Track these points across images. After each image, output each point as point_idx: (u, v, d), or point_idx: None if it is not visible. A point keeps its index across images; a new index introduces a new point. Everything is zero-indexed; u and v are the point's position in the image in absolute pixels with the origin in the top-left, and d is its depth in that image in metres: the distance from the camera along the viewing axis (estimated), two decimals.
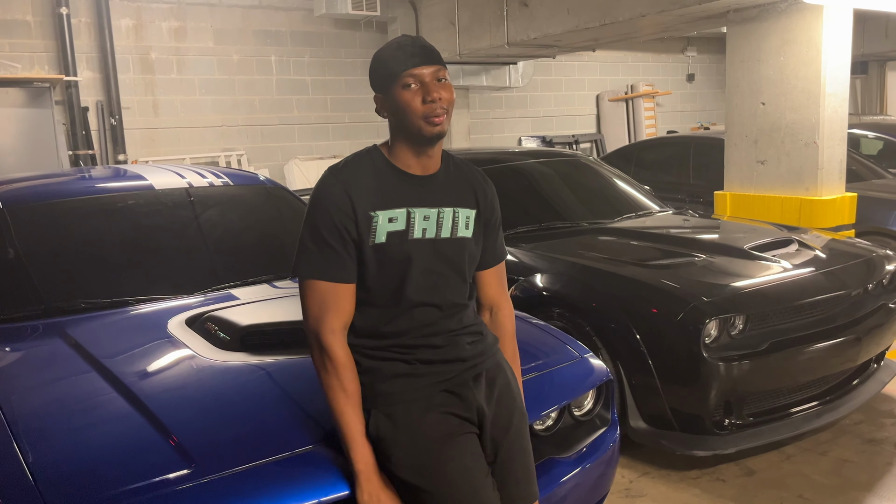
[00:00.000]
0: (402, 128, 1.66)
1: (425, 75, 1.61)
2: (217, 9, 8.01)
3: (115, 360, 2.07)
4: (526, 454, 1.73)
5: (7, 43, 6.99)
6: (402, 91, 1.61)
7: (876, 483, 3.15)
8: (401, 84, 1.61)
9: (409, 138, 1.66)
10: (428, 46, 1.66)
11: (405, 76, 1.60)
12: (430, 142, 1.66)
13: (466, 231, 1.73)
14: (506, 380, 1.75)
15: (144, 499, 1.51)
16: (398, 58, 1.62)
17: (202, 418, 1.79)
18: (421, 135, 1.63)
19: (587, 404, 2.35)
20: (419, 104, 1.60)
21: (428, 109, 1.60)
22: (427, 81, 1.61)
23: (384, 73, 1.64)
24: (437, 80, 1.63)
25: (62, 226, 2.89)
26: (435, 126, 1.62)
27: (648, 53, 11.46)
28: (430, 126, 1.61)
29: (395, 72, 1.61)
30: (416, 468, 1.57)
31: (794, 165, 5.01)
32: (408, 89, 1.61)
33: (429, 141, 1.65)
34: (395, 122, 1.67)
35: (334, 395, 1.59)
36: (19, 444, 1.67)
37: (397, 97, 1.62)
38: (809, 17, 4.78)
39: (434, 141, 1.66)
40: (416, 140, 1.65)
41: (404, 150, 1.68)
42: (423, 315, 1.65)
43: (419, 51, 1.63)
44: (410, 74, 1.60)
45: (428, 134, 1.62)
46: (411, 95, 1.61)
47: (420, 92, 1.61)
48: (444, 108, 1.62)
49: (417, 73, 1.60)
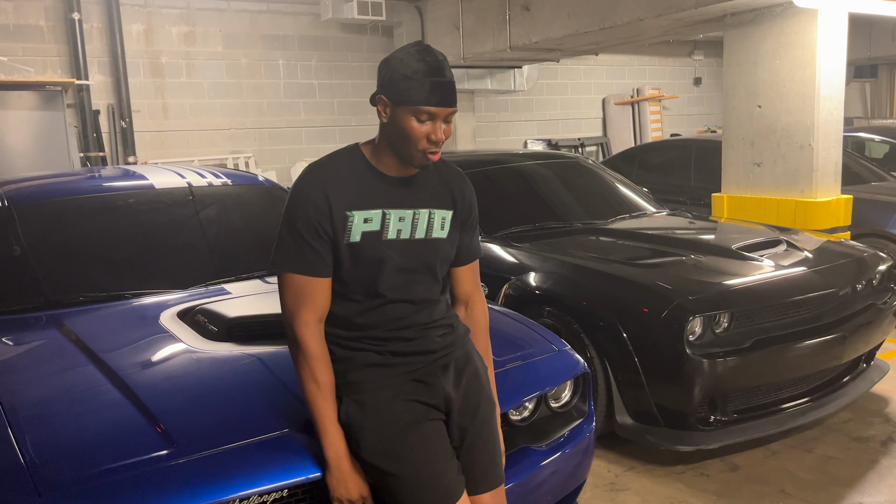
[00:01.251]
0: (395, 145, 1.69)
1: (439, 115, 1.63)
2: (226, 14, 8.15)
3: (107, 349, 2.17)
4: (492, 440, 1.80)
5: (21, 47, 7.16)
6: (413, 120, 1.62)
7: (858, 479, 3.19)
8: (414, 113, 1.62)
9: (400, 157, 1.70)
10: (452, 83, 1.65)
11: (423, 111, 1.62)
12: (415, 168, 1.72)
13: (441, 232, 1.78)
14: (474, 369, 1.82)
15: (124, 477, 1.60)
16: (424, 87, 1.60)
17: (185, 404, 1.88)
18: (412, 162, 1.69)
19: (564, 396, 2.42)
20: (423, 139, 1.64)
21: (428, 147, 1.65)
22: (438, 122, 1.64)
23: (402, 89, 1.62)
24: (446, 121, 1.66)
25: (64, 223, 3.00)
26: (428, 161, 1.68)
27: (655, 57, 11.50)
28: (425, 160, 1.67)
29: (413, 100, 1.61)
30: (383, 452, 1.65)
31: (790, 168, 5.06)
32: (420, 122, 1.63)
33: (416, 168, 1.72)
34: (390, 134, 1.69)
35: (306, 384, 1.67)
36: (12, 426, 1.77)
37: (405, 122, 1.63)
38: (804, 20, 4.83)
39: (421, 168, 1.72)
40: (405, 161, 1.70)
41: (389, 158, 1.72)
42: (395, 310, 1.73)
43: (444, 88, 1.63)
44: (427, 111, 1.62)
45: (418, 164, 1.69)
46: (419, 128, 1.63)
47: (428, 128, 1.64)
48: (440, 147, 1.68)
49: (434, 112, 1.62)
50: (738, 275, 3.45)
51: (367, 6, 7.74)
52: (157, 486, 1.60)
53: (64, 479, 1.58)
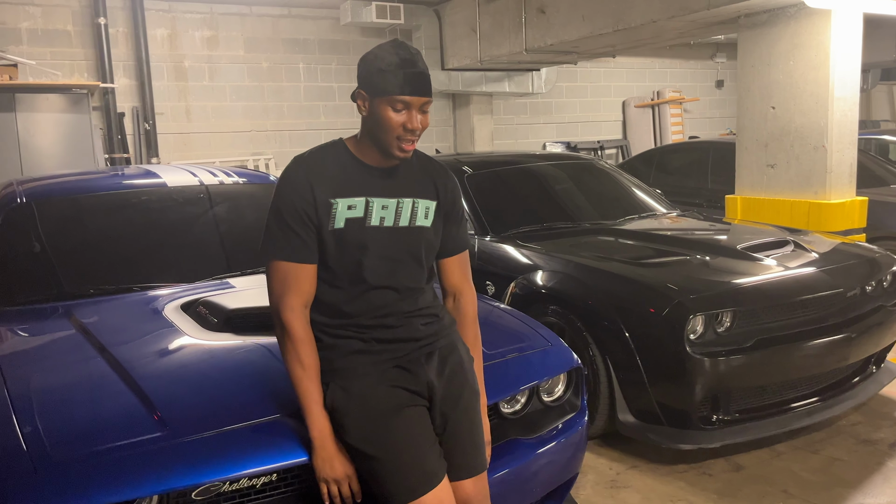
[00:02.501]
0: (373, 136, 1.76)
1: (414, 104, 1.70)
2: (248, 18, 8.29)
3: (111, 338, 2.26)
4: (475, 427, 1.84)
5: (49, 51, 7.36)
6: (389, 110, 1.70)
7: (863, 481, 3.17)
8: (389, 103, 1.69)
9: (379, 148, 1.77)
10: (425, 74, 1.73)
11: (397, 100, 1.69)
12: (396, 160, 1.78)
13: (425, 221, 1.84)
14: (459, 359, 1.87)
15: (116, 457, 1.67)
16: (397, 77, 1.68)
17: (180, 389, 1.95)
18: (389, 152, 1.75)
19: (557, 391, 2.45)
20: (399, 128, 1.71)
21: (404, 135, 1.72)
22: (413, 111, 1.71)
23: (378, 82, 1.69)
24: (423, 110, 1.73)
25: (79, 218, 3.11)
26: (404, 152, 1.74)
27: (676, 60, 11.45)
28: (400, 151, 1.74)
29: (388, 90, 1.69)
30: (365, 436, 1.70)
31: (804, 169, 5.02)
32: (395, 111, 1.70)
33: (394, 159, 1.77)
34: (370, 126, 1.76)
35: (292, 368, 1.73)
36: (16, 409, 1.85)
37: (381, 111, 1.71)
38: (818, 21, 4.80)
39: (399, 160, 1.78)
40: (385, 153, 1.77)
41: (370, 149, 1.79)
42: (379, 297, 1.78)
43: (417, 78, 1.70)
44: (402, 100, 1.69)
45: (396, 155, 1.75)
46: (396, 117, 1.70)
47: (403, 117, 1.70)
48: (416, 137, 1.74)
49: (408, 101, 1.69)
50: (741, 274, 3.44)
51: (386, 10, 7.84)
52: (148, 466, 1.67)
53: (59, 458, 1.66)
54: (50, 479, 1.61)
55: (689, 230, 4.37)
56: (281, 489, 1.85)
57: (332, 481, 1.72)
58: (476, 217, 4.41)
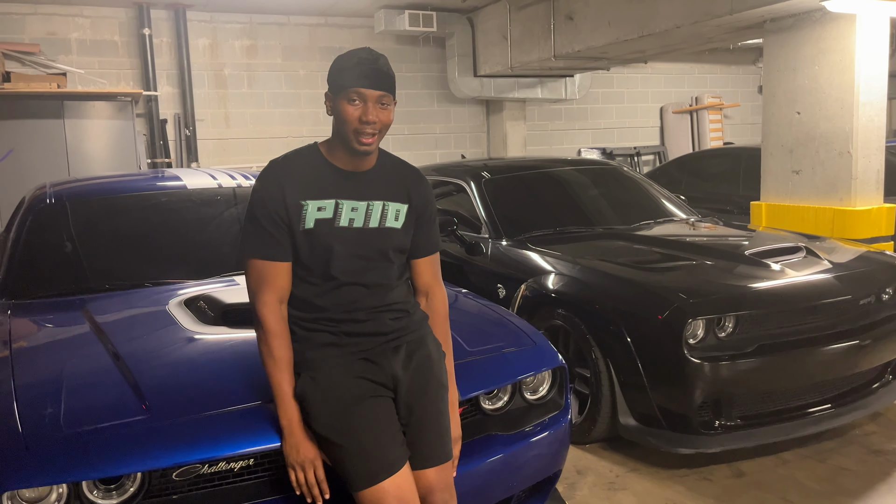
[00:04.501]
0: (337, 132, 1.88)
1: (369, 97, 1.81)
2: (286, 27, 8.52)
3: (116, 329, 2.41)
4: (440, 420, 1.92)
5: (97, 61, 7.70)
6: (346, 103, 1.82)
7: (868, 491, 3.12)
8: (346, 97, 1.81)
9: (343, 143, 1.87)
10: (383, 70, 1.83)
11: (352, 92, 1.80)
12: (359, 155, 1.87)
13: (395, 223, 1.93)
14: (426, 353, 1.94)
15: (102, 437, 1.80)
16: (353, 73, 1.80)
17: (168, 376, 2.08)
18: (350, 147, 1.85)
19: (542, 390, 2.50)
20: (356, 120, 1.81)
21: (360, 128, 1.81)
22: (369, 103, 1.81)
23: (338, 80, 1.84)
24: (381, 104, 1.83)
25: (101, 218, 3.29)
26: (362, 145, 1.83)
27: (717, 65, 11.29)
28: (359, 144, 1.83)
29: (345, 84, 1.81)
30: (330, 424, 1.80)
31: (829, 175, 4.94)
32: (351, 104, 1.81)
33: (357, 154, 1.87)
34: (335, 125, 1.89)
35: (265, 359, 1.84)
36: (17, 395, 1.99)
37: (340, 106, 1.83)
38: (843, 25, 4.73)
39: (362, 155, 1.87)
40: (347, 148, 1.87)
41: (340, 150, 1.90)
42: (348, 293, 1.87)
43: (373, 73, 1.81)
44: (357, 92, 1.80)
45: (356, 148, 1.84)
46: (352, 110, 1.81)
47: (360, 109, 1.81)
48: (375, 131, 1.83)
49: (364, 93, 1.80)
50: (746, 279, 3.43)
51: (419, 18, 7.97)
52: (131, 446, 1.79)
53: (49, 438, 1.79)
54: (39, 456, 1.74)
55: (703, 236, 4.36)
56: (258, 474, 1.95)
57: (299, 467, 1.81)
58: (490, 221, 4.48)
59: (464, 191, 4.77)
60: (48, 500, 1.77)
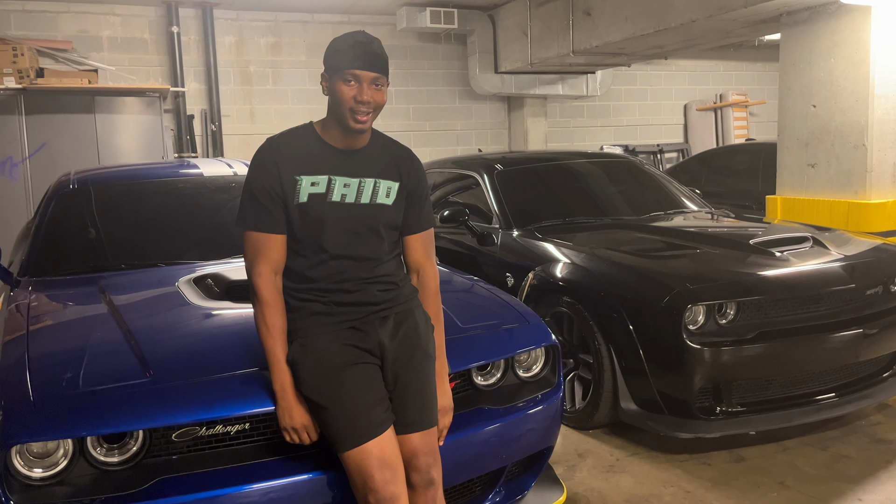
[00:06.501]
0: (333, 112, 1.98)
1: (364, 78, 1.91)
2: (310, 25, 8.68)
3: (125, 303, 2.53)
4: (425, 387, 1.99)
5: (127, 58, 7.93)
6: (342, 84, 1.91)
7: (865, 477, 3.13)
8: (342, 78, 1.91)
9: (338, 122, 1.97)
10: (377, 53, 1.93)
11: (348, 73, 1.90)
12: (353, 133, 1.96)
13: (387, 199, 2.02)
14: (414, 324, 2.03)
15: (106, 397, 1.91)
16: (349, 55, 1.91)
17: (171, 344, 2.19)
18: (346, 125, 1.95)
19: (535, 367, 2.57)
20: (351, 100, 1.91)
21: (355, 107, 1.91)
22: (364, 84, 1.91)
23: (334, 61, 1.94)
24: (375, 85, 1.93)
25: (120, 203, 3.44)
26: (357, 123, 1.93)
27: (742, 62, 11.21)
28: (354, 122, 1.93)
29: (341, 66, 1.91)
30: (317, 388, 1.89)
31: (843, 168, 4.92)
32: (347, 84, 1.91)
33: (352, 132, 1.96)
34: (330, 104, 1.99)
35: (259, 326, 1.94)
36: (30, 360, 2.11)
37: (336, 87, 1.93)
38: (858, 18, 4.71)
39: (356, 133, 1.97)
40: (342, 126, 1.96)
41: (334, 129, 2.00)
42: (338, 265, 1.97)
43: (367, 55, 1.91)
44: (352, 74, 1.90)
45: (351, 126, 1.94)
46: (348, 90, 1.91)
47: (355, 90, 1.91)
48: (369, 110, 1.93)
49: (359, 74, 1.90)
50: (748, 267, 3.45)
51: (440, 15, 8.07)
52: (132, 406, 1.90)
53: (56, 398, 1.91)
54: (46, 413, 1.86)
55: (711, 227, 4.37)
56: (253, 438, 2.05)
57: (291, 429, 1.91)
58: (501, 212, 4.55)
59: (478, 183, 4.85)
60: (55, 456, 1.89)
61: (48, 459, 1.88)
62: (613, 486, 3.11)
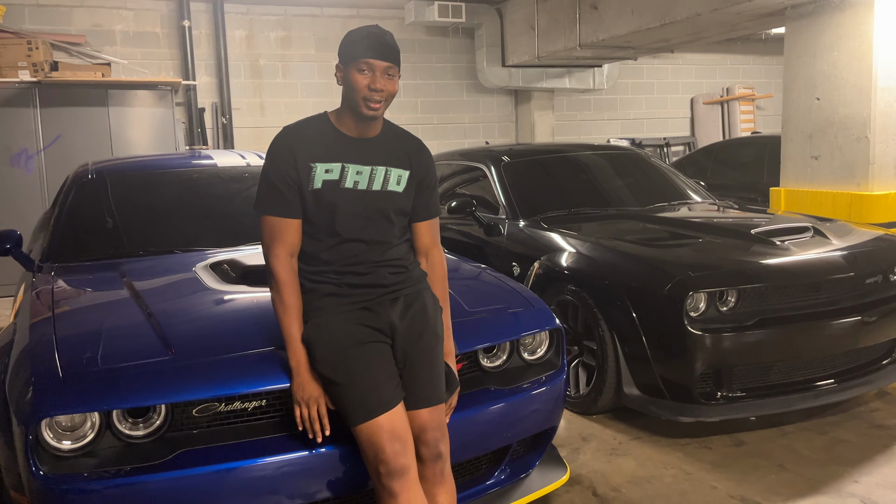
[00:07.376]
0: (347, 100, 2.08)
1: (377, 67, 2.01)
2: (319, 19, 8.77)
3: (145, 286, 2.63)
4: (433, 365, 2.08)
5: (139, 52, 8.05)
6: (356, 73, 2.02)
7: (863, 461, 3.20)
8: (356, 67, 2.02)
9: (351, 110, 2.07)
10: (389, 44, 2.04)
11: (362, 62, 2.00)
12: (366, 120, 2.06)
13: (398, 186, 2.12)
14: (422, 305, 2.12)
15: (130, 373, 2.01)
16: (362, 45, 2.01)
17: (191, 325, 2.29)
18: (359, 112, 2.04)
19: (539, 351, 2.66)
20: (364, 88, 2.01)
21: (369, 95, 2.01)
22: (377, 73, 2.01)
23: (349, 51, 2.04)
24: (388, 74, 2.03)
25: (137, 192, 3.54)
26: (371, 110, 2.03)
27: (750, 56, 11.24)
28: (367, 109, 2.03)
29: (356, 55, 2.02)
30: (330, 364, 1.98)
31: (846, 160, 4.98)
32: (361, 73, 2.01)
33: (365, 119, 2.06)
34: (345, 93, 2.08)
35: (276, 306, 2.04)
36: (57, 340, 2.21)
37: (350, 76, 2.03)
38: (861, 11, 4.76)
39: (369, 120, 2.06)
40: (356, 114, 2.06)
41: (348, 117, 2.10)
42: (350, 248, 2.06)
43: (380, 46, 2.02)
44: (366, 63, 2.00)
45: (365, 114, 2.04)
46: (362, 79, 2.01)
47: (368, 78, 2.00)
48: (382, 98, 2.03)
49: (372, 63, 2.00)
50: (749, 255, 3.53)
51: (448, 9, 8.14)
52: (155, 382, 2.00)
53: (83, 374, 2.01)
54: (74, 387, 1.96)
55: (714, 217, 4.45)
56: (269, 414, 2.15)
57: (304, 402, 2.00)
58: (508, 203, 4.63)
59: (485, 175, 4.93)
60: (83, 429, 1.99)
61: (76, 432, 1.98)
62: (616, 468, 3.20)
